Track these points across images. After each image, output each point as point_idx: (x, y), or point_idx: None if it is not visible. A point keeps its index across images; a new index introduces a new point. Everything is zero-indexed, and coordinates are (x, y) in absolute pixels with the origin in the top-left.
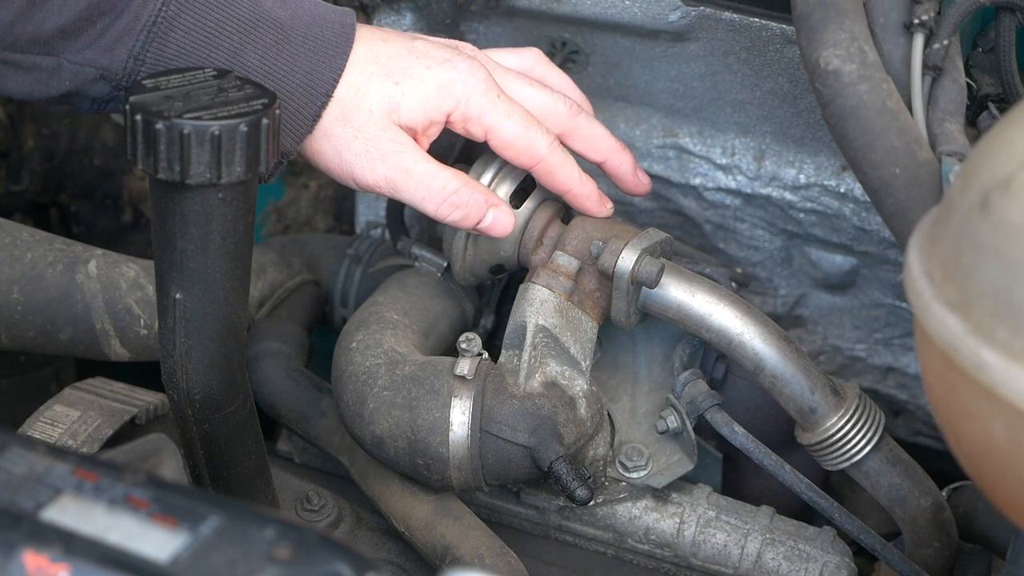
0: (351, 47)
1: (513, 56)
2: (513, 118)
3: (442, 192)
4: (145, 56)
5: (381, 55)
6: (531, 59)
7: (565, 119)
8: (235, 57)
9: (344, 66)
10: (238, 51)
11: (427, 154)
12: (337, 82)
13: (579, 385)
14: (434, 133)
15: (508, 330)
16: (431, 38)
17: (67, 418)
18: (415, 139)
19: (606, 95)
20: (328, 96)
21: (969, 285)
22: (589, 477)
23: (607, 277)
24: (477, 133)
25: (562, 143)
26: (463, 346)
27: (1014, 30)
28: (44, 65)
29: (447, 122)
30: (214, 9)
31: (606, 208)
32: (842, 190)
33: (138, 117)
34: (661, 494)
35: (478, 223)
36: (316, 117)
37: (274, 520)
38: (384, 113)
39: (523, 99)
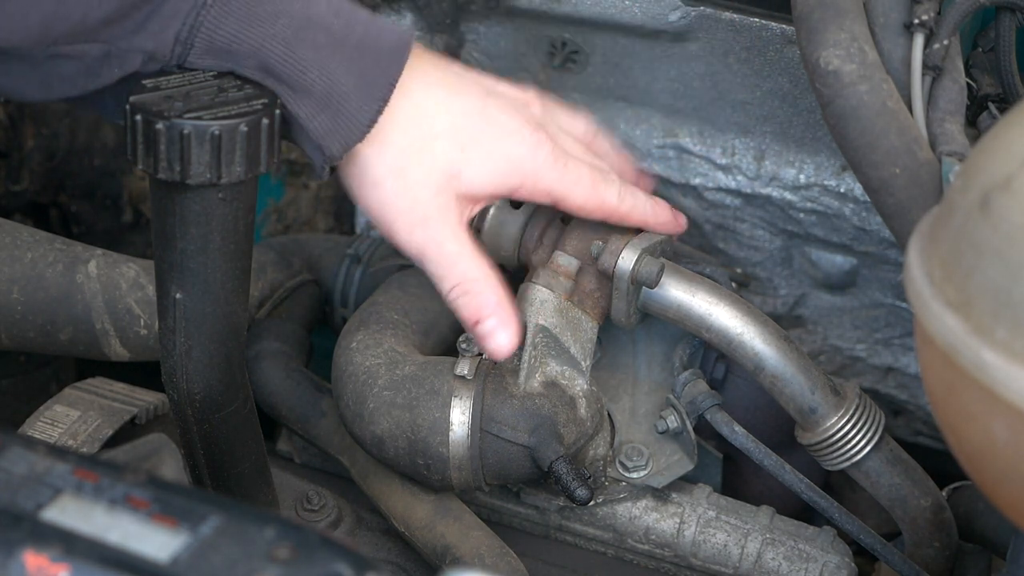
0: (407, 58)
1: (569, 119)
2: (582, 183)
3: (460, 276)
4: (194, 40)
5: (453, 108)
6: (583, 125)
7: None
8: (289, 48)
9: (399, 74)
10: (291, 44)
11: (468, 236)
12: (393, 88)
13: (579, 385)
14: (490, 201)
15: None
16: (502, 91)
17: (67, 418)
18: (472, 205)
19: (606, 95)
20: (384, 101)
21: (969, 285)
22: (589, 477)
23: (607, 277)
24: (545, 200)
25: None
26: (463, 346)
27: (1014, 30)
28: (91, 52)
29: (511, 194)
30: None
31: (681, 224)
32: (842, 190)
33: (138, 117)
34: (661, 494)
35: (477, 323)
36: (371, 123)
37: (274, 520)
38: (445, 177)
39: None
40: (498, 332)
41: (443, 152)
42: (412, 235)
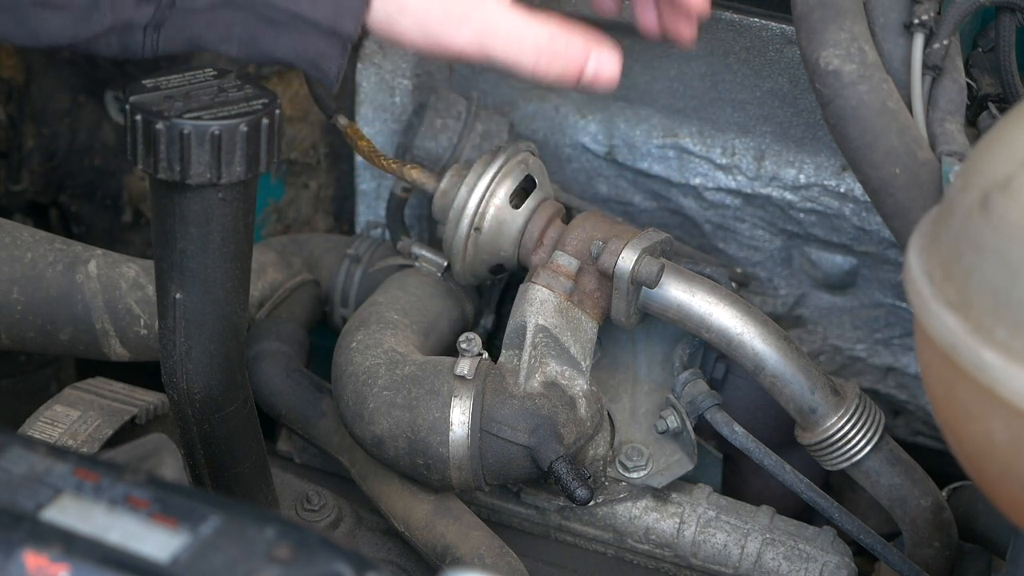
0: None
1: None
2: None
3: (535, 46)
4: None
5: None
6: None
7: None
8: None
9: None
10: None
11: (510, 4)
12: None
13: (579, 385)
14: None
15: (508, 330)
16: None
17: (67, 418)
18: None
19: (606, 95)
20: None
21: (969, 285)
22: (589, 477)
23: (607, 277)
24: None
25: None
26: (463, 346)
27: (1014, 30)
28: (78, 1)
29: None
30: None
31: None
32: (842, 190)
33: (138, 117)
34: (661, 494)
35: (580, 77)
36: None
37: (274, 520)
38: None
39: None
40: (605, 67)
41: None
42: (462, 35)
